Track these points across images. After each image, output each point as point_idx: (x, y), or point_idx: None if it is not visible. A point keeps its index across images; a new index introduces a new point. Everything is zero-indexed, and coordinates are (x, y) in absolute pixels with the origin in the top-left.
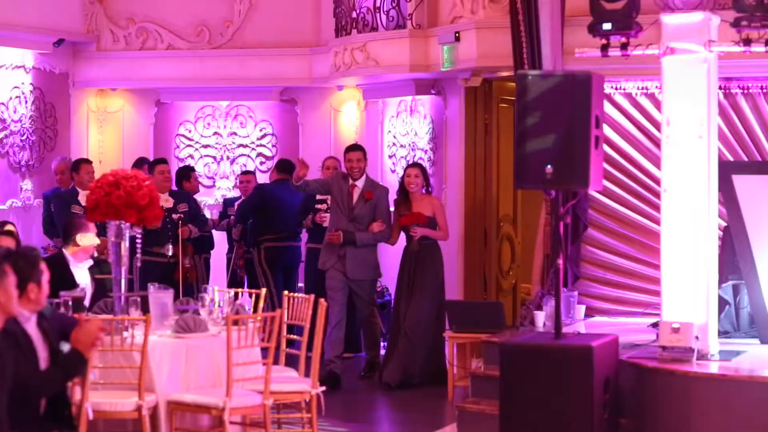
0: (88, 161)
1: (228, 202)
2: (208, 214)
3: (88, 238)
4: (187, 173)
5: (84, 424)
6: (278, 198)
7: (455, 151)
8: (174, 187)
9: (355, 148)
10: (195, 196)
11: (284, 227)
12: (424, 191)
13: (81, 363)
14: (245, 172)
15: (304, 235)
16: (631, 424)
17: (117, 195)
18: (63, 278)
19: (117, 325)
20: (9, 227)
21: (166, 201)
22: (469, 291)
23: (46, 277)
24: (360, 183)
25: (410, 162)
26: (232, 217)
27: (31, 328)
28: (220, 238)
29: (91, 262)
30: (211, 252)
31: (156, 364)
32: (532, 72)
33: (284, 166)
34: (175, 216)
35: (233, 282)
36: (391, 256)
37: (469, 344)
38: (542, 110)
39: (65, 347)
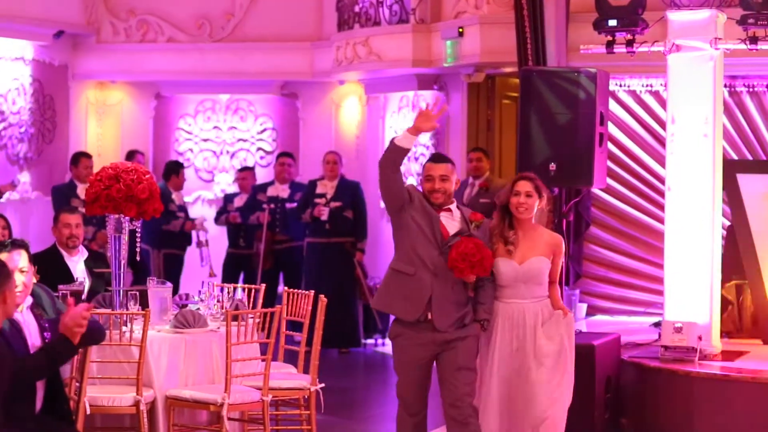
0: (87, 155)
1: (228, 198)
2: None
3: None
4: (176, 168)
5: (81, 419)
6: None
7: (457, 147)
8: (161, 181)
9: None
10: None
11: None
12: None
13: (67, 349)
14: (243, 169)
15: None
16: (632, 424)
17: (117, 188)
18: (58, 271)
19: (116, 319)
20: None
21: None
22: None
23: (23, 278)
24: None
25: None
26: (232, 213)
27: (23, 315)
28: (219, 233)
29: (86, 254)
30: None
31: (154, 359)
32: (537, 68)
33: None
34: None
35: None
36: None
37: None
38: (546, 107)
39: None
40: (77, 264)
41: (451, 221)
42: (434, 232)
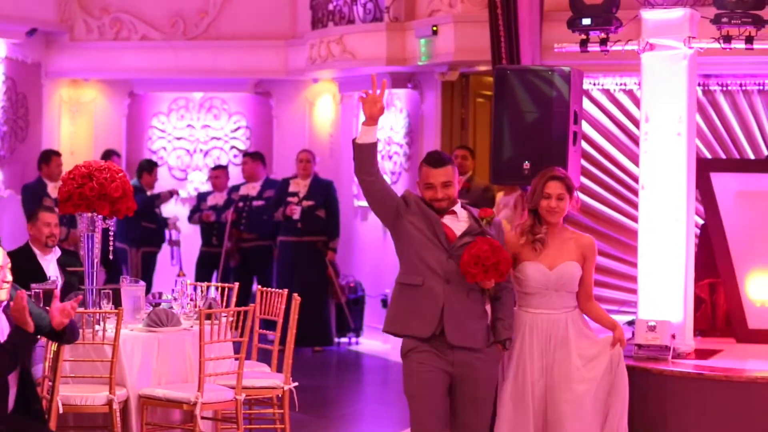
0: (57, 153)
1: (201, 197)
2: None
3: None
4: (149, 167)
5: (54, 418)
6: None
7: (431, 145)
8: (134, 179)
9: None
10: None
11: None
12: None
13: (23, 338)
14: (216, 167)
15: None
16: None
17: (90, 187)
18: (32, 270)
19: (89, 318)
20: None
21: None
22: None
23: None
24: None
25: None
26: (205, 212)
27: None
28: (192, 231)
29: (59, 253)
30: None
31: (127, 358)
32: (511, 67)
33: None
34: None
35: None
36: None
37: None
38: (520, 105)
39: None
40: (50, 263)
41: (457, 222)
42: (437, 234)
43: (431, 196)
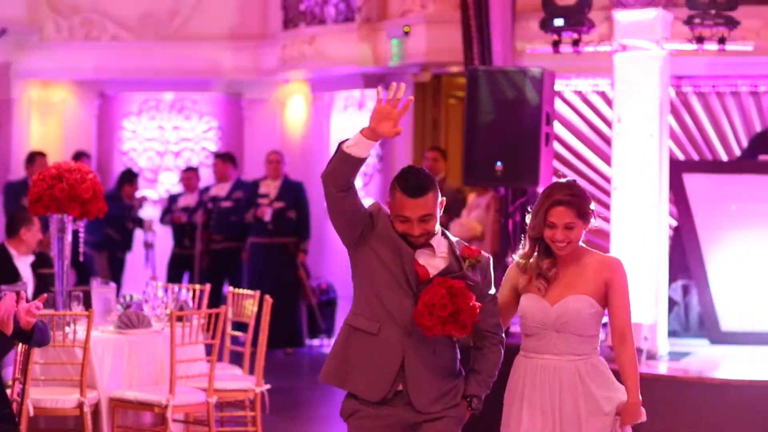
0: (42, 154)
1: (172, 198)
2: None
3: (32, 233)
4: (131, 178)
5: (25, 421)
6: None
7: (403, 147)
8: (114, 188)
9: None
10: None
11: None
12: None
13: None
14: (188, 169)
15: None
16: None
17: (60, 188)
18: (6, 271)
19: (59, 320)
20: None
21: None
22: None
23: None
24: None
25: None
26: (177, 213)
27: None
28: (164, 233)
29: (32, 257)
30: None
31: (98, 361)
32: (483, 67)
33: None
34: None
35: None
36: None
37: None
38: (492, 106)
39: None
40: (26, 264)
41: (433, 258)
42: (406, 273)
43: (405, 230)
